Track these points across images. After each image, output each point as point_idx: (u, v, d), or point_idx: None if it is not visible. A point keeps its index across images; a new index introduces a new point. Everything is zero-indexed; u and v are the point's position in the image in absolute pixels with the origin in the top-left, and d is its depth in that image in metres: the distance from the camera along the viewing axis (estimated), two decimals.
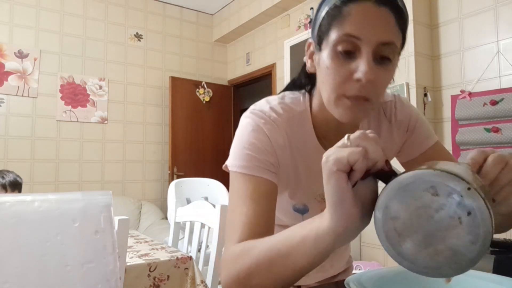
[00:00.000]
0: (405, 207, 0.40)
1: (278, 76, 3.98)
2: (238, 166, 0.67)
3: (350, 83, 0.60)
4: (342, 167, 0.42)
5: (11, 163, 3.45)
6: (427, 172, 0.38)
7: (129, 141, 4.13)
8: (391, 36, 0.58)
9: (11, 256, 0.30)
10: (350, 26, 0.58)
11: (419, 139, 0.80)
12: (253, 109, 0.72)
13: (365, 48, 0.58)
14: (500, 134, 2.29)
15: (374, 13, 0.58)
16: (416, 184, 0.39)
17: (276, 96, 0.76)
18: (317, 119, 0.73)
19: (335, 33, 0.59)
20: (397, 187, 0.40)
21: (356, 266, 2.72)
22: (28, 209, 0.31)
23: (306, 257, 0.50)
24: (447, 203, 0.38)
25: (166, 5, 4.47)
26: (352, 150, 0.42)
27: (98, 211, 0.34)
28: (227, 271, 0.60)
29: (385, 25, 0.58)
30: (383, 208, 0.41)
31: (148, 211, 3.86)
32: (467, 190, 0.37)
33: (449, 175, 0.38)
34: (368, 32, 0.57)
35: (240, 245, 0.60)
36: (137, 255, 1.46)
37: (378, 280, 0.57)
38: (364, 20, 0.58)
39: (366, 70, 0.57)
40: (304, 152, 0.74)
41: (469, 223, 0.37)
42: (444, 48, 2.65)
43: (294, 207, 0.79)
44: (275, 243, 0.54)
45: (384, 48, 0.58)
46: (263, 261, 0.54)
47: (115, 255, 0.35)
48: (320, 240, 0.48)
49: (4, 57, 3.52)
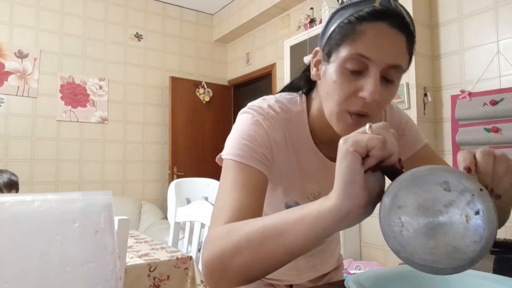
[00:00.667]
0: (415, 198, 0.40)
1: (278, 76, 3.98)
2: (233, 154, 0.66)
3: (355, 99, 0.61)
4: (359, 149, 0.43)
5: (11, 163, 3.45)
6: (442, 167, 0.39)
7: (129, 141, 4.13)
8: (400, 60, 0.59)
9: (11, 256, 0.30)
10: (362, 46, 0.59)
11: (408, 143, 0.80)
12: (252, 106, 0.73)
13: (374, 69, 0.59)
14: (500, 134, 2.29)
15: (387, 35, 0.58)
16: (430, 177, 0.40)
17: (273, 96, 0.76)
18: (315, 123, 0.74)
19: (346, 50, 0.60)
20: (410, 177, 0.40)
21: (356, 266, 2.72)
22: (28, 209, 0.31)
23: (302, 236, 0.49)
24: (458, 200, 0.38)
25: (166, 5, 4.47)
26: (372, 136, 0.43)
27: (98, 211, 0.34)
28: (211, 248, 0.57)
29: (396, 48, 0.59)
30: (392, 195, 0.41)
31: (148, 211, 3.86)
32: (480, 190, 0.38)
33: (464, 174, 0.39)
34: (380, 54, 0.58)
35: (228, 225, 0.58)
36: (137, 255, 1.46)
37: (377, 280, 0.57)
38: (377, 41, 0.58)
39: (373, 91, 0.58)
40: (299, 152, 0.74)
41: (475, 223, 0.38)
42: (444, 48, 2.65)
43: (286, 204, 0.80)
44: (271, 220, 0.53)
45: (391, 70, 0.59)
46: (254, 237, 0.53)
47: (115, 255, 0.35)
48: (321, 219, 0.47)
49: (4, 57, 3.52)
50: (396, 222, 0.41)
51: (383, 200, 0.42)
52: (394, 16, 0.59)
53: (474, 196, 0.38)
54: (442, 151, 2.62)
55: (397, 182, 0.41)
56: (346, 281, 0.54)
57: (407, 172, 0.41)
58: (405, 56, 0.60)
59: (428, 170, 0.40)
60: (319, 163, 0.76)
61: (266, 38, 4.18)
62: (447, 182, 0.39)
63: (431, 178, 0.39)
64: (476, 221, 0.38)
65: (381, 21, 0.58)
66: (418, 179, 0.40)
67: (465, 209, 0.38)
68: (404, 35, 0.59)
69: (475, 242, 0.37)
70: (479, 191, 0.37)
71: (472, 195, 0.38)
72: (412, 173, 0.40)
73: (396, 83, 0.62)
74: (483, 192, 0.37)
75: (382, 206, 0.42)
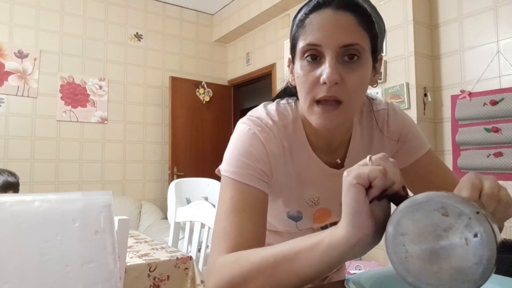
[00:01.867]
0: (416, 224, 0.42)
1: (278, 76, 3.98)
2: (231, 172, 0.66)
3: (318, 87, 0.62)
4: (362, 181, 0.45)
5: (11, 163, 3.45)
6: (439, 193, 0.41)
7: (129, 141, 4.13)
8: (352, 38, 0.60)
9: (11, 256, 0.30)
10: (310, 35, 0.62)
11: (411, 149, 0.79)
12: (251, 116, 0.72)
13: (328, 53, 0.61)
14: (500, 134, 2.29)
15: (332, 19, 0.61)
16: (428, 204, 0.41)
17: (273, 103, 0.76)
18: (308, 128, 0.74)
19: (300, 44, 0.63)
20: (409, 205, 0.42)
21: (356, 266, 2.72)
22: (28, 209, 0.31)
23: (315, 264, 0.50)
24: (456, 224, 0.40)
25: (166, 5, 4.47)
26: (373, 168, 0.45)
27: (98, 211, 0.34)
28: (219, 278, 0.58)
29: (345, 29, 0.60)
30: (395, 223, 0.43)
31: (148, 211, 3.86)
32: (476, 213, 0.39)
33: (460, 198, 0.40)
34: (327, 38, 0.60)
35: (234, 254, 0.59)
36: (137, 255, 1.46)
37: (377, 280, 0.57)
38: (322, 27, 0.61)
39: (328, 72, 0.60)
40: (297, 159, 0.74)
41: (475, 245, 0.39)
42: (444, 48, 2.65)
43: (288, 214, 0.79)
44: (282, 249, 0.54)
45: (347, 50, 0.61)
46: (266, 265, 0.54)
47: (115, 255, 0.35)
48: (332, 249, 0.49)
49: (4, 57, 3.52)
50: (401, 249, 0.42)
51: (387, 228, 0.44)
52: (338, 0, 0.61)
53: (471, 219, 0.39)
54: (442, 151, 2.62)
55: (399, 210, 0.43)
56: (346, 281, 0.55)
57: (407, 200, 0.43)
58: (359, 33, 0.61)
59: (426, 197, 0.41)
60: (317, 169, 0.75)
61: (266, 38, 4.18)
62: (444, 207, 0.40)
63: (429, 204, 0.41)
64: (475, 244, 0.39)
65: (325, 8, 0.61)
66: (418, 206, 0.42)
67: (463, 232, 0.39)
68: (353, 13, 0.61)
69: (476, 263, 0.39)
70: (476, 214, 0.39)
71: (469, 218, 0.39)
72: (411, 201, 0.42)
73: (362, 60, 0.62)
74: (480, 215, 0.39)
75: (387, 234, 0.44)
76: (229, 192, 0.66)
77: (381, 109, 0.79)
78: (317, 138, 0.74)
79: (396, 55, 2.69)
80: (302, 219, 0.80)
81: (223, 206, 0.66)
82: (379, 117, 0.79)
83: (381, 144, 0.79)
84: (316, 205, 0.80)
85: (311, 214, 0.81)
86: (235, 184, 0.66)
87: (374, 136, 0.79)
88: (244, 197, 0.65)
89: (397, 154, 0.80)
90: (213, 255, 0.62)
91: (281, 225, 0.83)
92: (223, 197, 0.67)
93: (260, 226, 0.65)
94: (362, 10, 0.61)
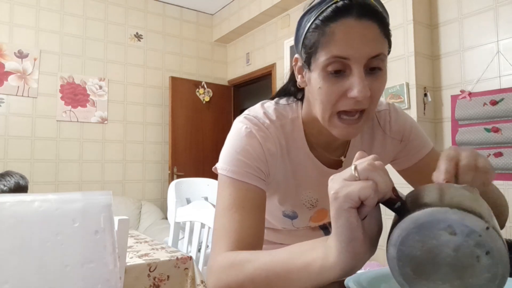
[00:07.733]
0: (421, 246, 0.39)
1: (278, 76, 3.98)
2: (229, 170, 0.66)
3: (345, 100, 0.60)
4: (353, 203, 0.40)
5: (11, 163, 3.45)
6: (444, 210, 0.38)
7: (129, 141, 4.13)
8: (378, 48, 0.58)
9: (11, 256, 0.30)
10: (336, 47, 0.57)
11: (415, 148, 0.79)
12: (247, 114, 0.72)
13: (355, 66, 0.57)
14: (500, 134, 2.29)
15: (357, 29, 0.57)
16: (432, 223, 0.38)
17: (271, 102, 0.76)
18: (308, 128, 0.73)
19: (323, 55, 0.59)
20: (412, 225, 0.39)
21: None
22: (28, 209, 0.31)
23: (308, 285, 0.49)
24: (465, 243, 0.37)
25: (166, 5, 4.47)
26: (362, 186, 0.40)
27: (98, 211, 0.34)
28: (216, 280, 0.59)
29: (371, 40, 0.57)
30: (398, 246, 0.39)
31: (148, 211, 3.86)
32: (486, 230, 0.36)
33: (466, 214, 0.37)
34: (356, 51, 0.57)
35: (230, 255, 0.59)
36: (137, 255, 1.46)
37: (377, 280, 0.57)
38: (349, 39, 0.57)
39: (360, 88, 0.57)
40: (295, 159, 0.74)
41: (488, 262, 0.37)
42: (444, 48, 2.65)
43: (284, 213, 0.80)
44: (274, 264, 0.52)
45: (373, 60, 0.58)
46: (259, 280, 0.53)
47: (115, 255, 0.35)
48: (325, 272, 0.46)
49: (4, 57, 3.52)
50: (408, 272, 0.40)
51: (388, 250, 0.40)
52: (358, 7, 0.57)
53: (482, 236, 0.37)
54: (442, 151, 2.62)
55: (400, 230, 0.39)
56: (346, 281, 0.55)
57: (408, 218, 0.39)
58: (383, 41, 0.59)
59: (429, 215, 0.38)
60: (315, 170, 0.75)
61: (266, 38, 4.18)
62: (451, 226, 0.37)
63: (433, 224, 0.38)
64: (487, 261, 0.37)
65: (347, 16, 0.57)
66: (421, 226, 0.38)
67: (474, 250, 0.37)
68: (375, 22, 0.57)
69: (490, 280, 0.37)
70: (486, 231, 0.36)
71: (480, 235, 0.37)
72: (413, 220, 0.38)
73: (384, 68, 0.60)
74: (490, 231, 0.36)
75: (389, 257, 0.40)
76: (227, 190, 0.66)
77: (383, 110, 0.79)
78: (317, 139, 0.74)
79: (396, 55, 2.68)
80: (298, 217, 0.80)
81: (221, 203, 0.66)
82: (381, 118, 0.78)
83: (382, 145, 0.79)
84: (315, 207, 0.80)
85: (309, 215, 0.81)
86: (233, 182, 0.66)
87: (376, 137, 0.78)
88: (243, 194, 0.65)
89: (401, 154, 0.80)
90: (213, 253, 0.63)
91: (278, 223, 0.83)
92: (222, 195, 0.67)
93: (259, 222, 0.65)
94: (381, 16, 0.59)
